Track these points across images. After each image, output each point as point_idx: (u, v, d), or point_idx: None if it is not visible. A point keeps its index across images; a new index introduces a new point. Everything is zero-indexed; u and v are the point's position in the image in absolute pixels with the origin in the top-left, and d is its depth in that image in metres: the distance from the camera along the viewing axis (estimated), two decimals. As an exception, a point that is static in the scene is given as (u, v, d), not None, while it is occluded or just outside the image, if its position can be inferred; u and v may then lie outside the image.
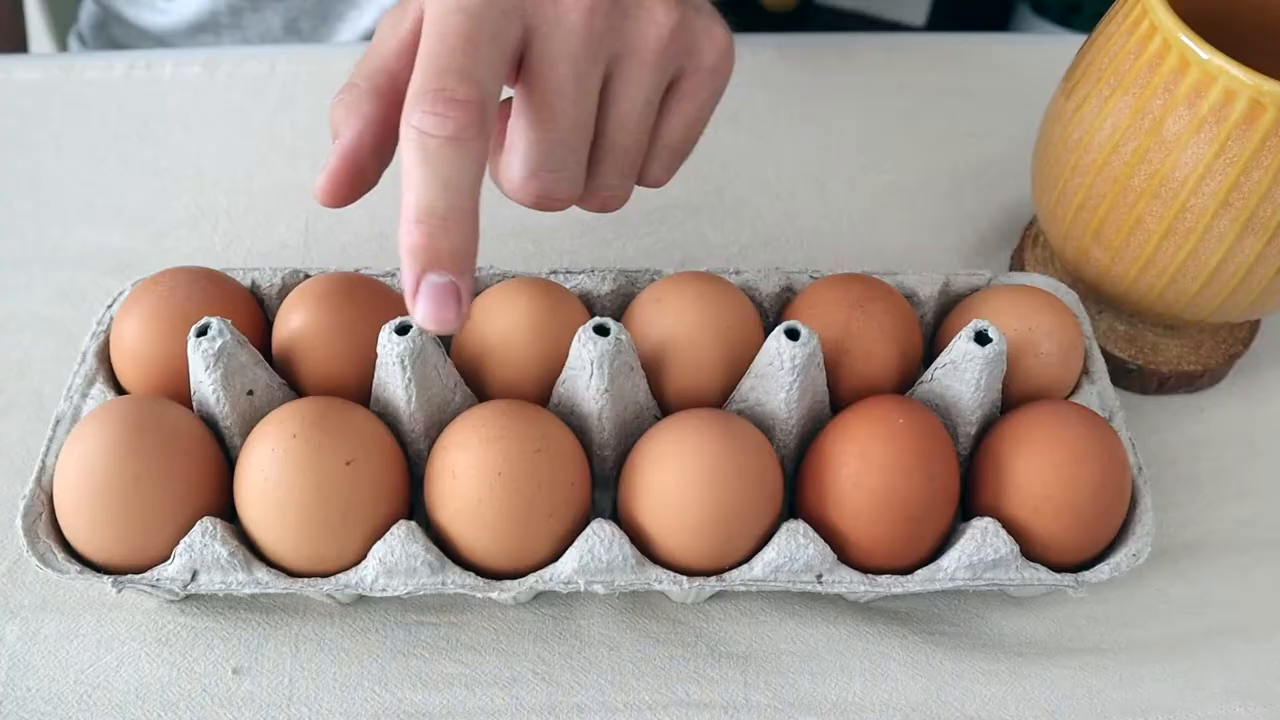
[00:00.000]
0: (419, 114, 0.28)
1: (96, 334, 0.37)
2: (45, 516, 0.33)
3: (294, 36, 0.60)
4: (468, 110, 0.28)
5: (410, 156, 0.28)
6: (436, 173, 0.28)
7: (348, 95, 0.32)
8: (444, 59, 0.28)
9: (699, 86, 0.33)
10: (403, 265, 0.28)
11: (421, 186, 0.28)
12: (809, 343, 0.33)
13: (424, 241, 0.28)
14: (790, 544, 0.32)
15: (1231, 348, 0.42)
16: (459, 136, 0.28)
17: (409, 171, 0.28)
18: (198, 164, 0.49)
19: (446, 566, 0.32)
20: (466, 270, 0.28)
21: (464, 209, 0.28)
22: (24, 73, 0.53)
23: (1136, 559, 0.33)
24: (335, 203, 0.31)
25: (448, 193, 0.28)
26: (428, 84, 0.28)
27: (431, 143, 0.28)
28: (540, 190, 0.32)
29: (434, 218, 0.28)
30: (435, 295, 0.28)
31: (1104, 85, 0.36)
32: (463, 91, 0.28)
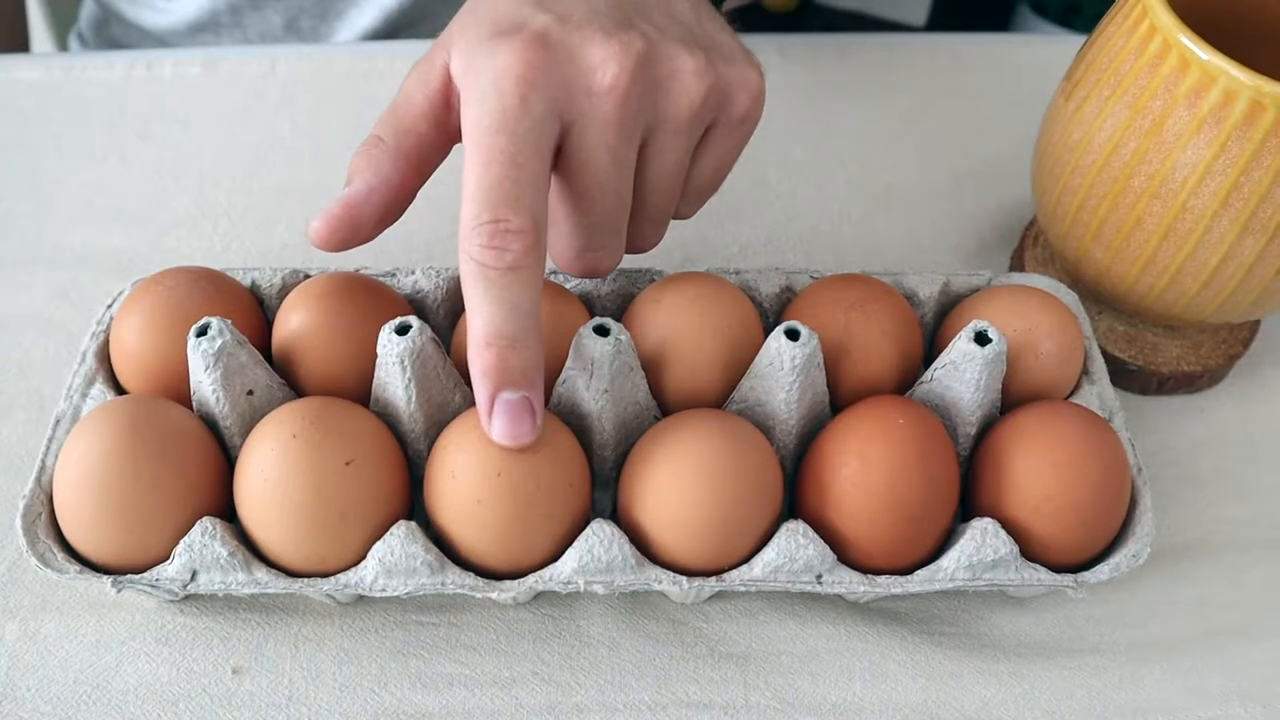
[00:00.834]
0: (478, 248, 0.29)
1: (96, 334, 0.37)
2: (45, 516, 0.33)
3: (294, 35, 0.60)
4: (523, 239, 0.29)
5: (473, 285, 0.29)
6: (501, 300, 0.29)
7: (373, 150, 0.32)
8: (494, 190, 0.29)
9: (728, 135, 0.34)
10: (476, 386, 0.30)
11: (488, 313, 0.29)
12: (809, 343, 0.33)
13: (496, 363, 0.29)
14: (790, 544, 0.32)
15: (1231, 348, 0.42)
16: (518, 265, 0.29)
17: (472, 299, 0.29)
18: (198, 164, 0.49)
19: (446, 567, 0.32)
20: (537, 384, 0.30)
21: (530, 328, 0.30)
22: (24, 72, 0.53)
23: (1136, 559, 0.33)
24: (327, 247, 0.32)
25: (514, 316, 0.29)
26: (481, 216, 0.29)
27: (493, 273, 0.29)
28: (585, 267, 0.34)
29: (502, 340, 0.29)
30: (510, 411, 0.30)
31: (1104, 86, 0.36)
32: (517, 222, 0.29)
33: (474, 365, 0.30)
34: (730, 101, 0.33)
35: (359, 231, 0.32)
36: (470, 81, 0.31)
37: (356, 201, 0.31)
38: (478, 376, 0.30)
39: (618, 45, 0.30)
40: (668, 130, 0.32)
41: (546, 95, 0.30)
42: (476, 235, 0.29)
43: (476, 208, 0.29)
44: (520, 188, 0.29)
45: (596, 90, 0.30)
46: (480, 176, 0.29)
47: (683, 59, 0.31)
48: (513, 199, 0.29)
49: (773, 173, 0.50)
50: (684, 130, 0.32)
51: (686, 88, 0.31)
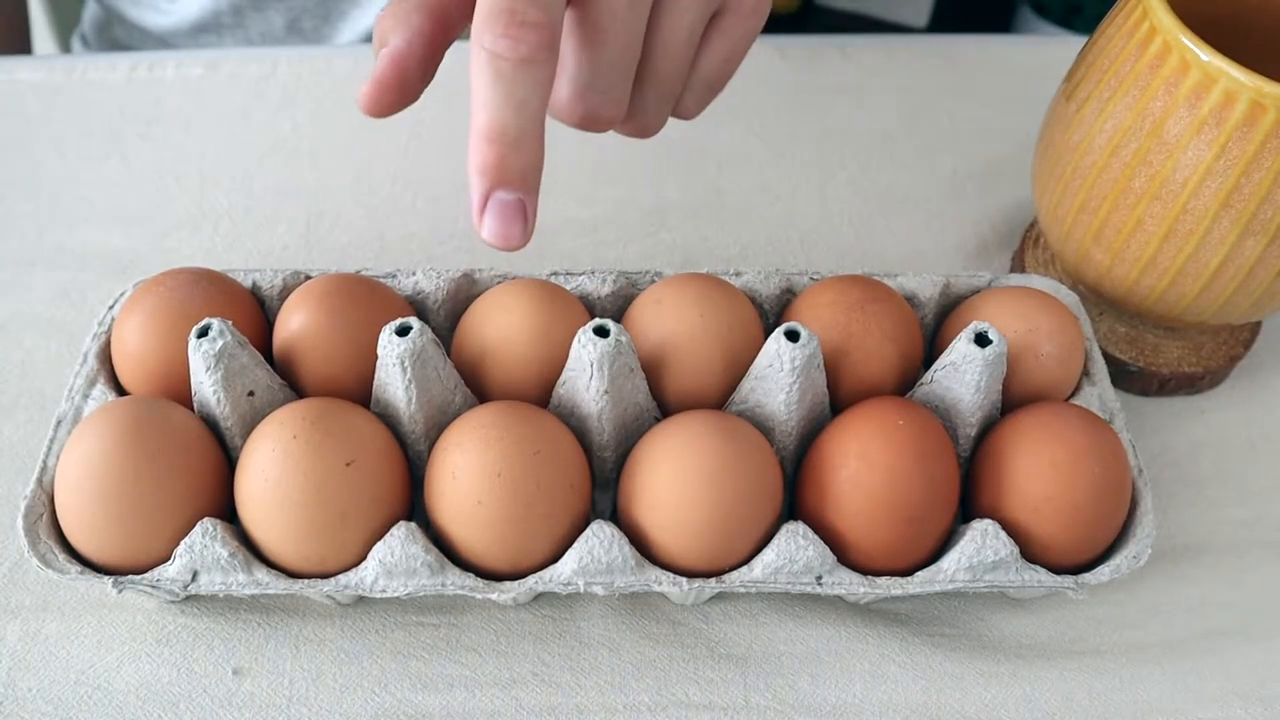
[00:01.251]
0: (491, 36, 0.28)
1: (98, 335, 0.37)
2: (46, 517, 0.33)
3: (296, 36, 0.60)
4: (539, 32, 0.28)
5: (482, 77, 0.28)
6: (509, 94, 0.28)
7: (397, 7, 0.32)
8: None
9: (739, 24, 0.34)
10: (471, 183, 0.29)
11: (494, 107, 0.28)
12: (809, 344, 0.33)
13: (495, 160, 0.29)
14: (790, 545, 0.32)
15: (1232, 349, 0.42)
16: (531, 59, 0.28)
17: (480, 91, 0.29)
18: (199, 165, 0.49)
19: (446, 567, 0.32)
20: (533, 189, 0.29)
21: (533, 130, 0.29)
22: (27, 74, 0.53)
23: (1137, 561, 0.33)
24: (379, 110, 0.31)
25: (520, 114, 0.28)
26: (499, 6, 0.28)
27: (505, 65, 0.28)
28: (586, 110, 0.32)
29: (505, 137, 0.28)
30: (503, 212, 0.29)
31: (1104, 87, 0.36)
32: (533, 14, 0.28)
33: (472, 158, 0.29)
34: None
35: (408, 88, 0.31)
36: None
37: (400, 55, 0.31)
38: (474, 171, 0.29)
39: None
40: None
41: None
42: (492, 23, 0.28)
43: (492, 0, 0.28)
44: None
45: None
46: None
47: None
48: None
49: (773, 173, 0.50)
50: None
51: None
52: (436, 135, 0.51)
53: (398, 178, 0.49)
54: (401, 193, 0.48)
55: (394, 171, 0.49)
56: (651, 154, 0.50)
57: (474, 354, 0.36)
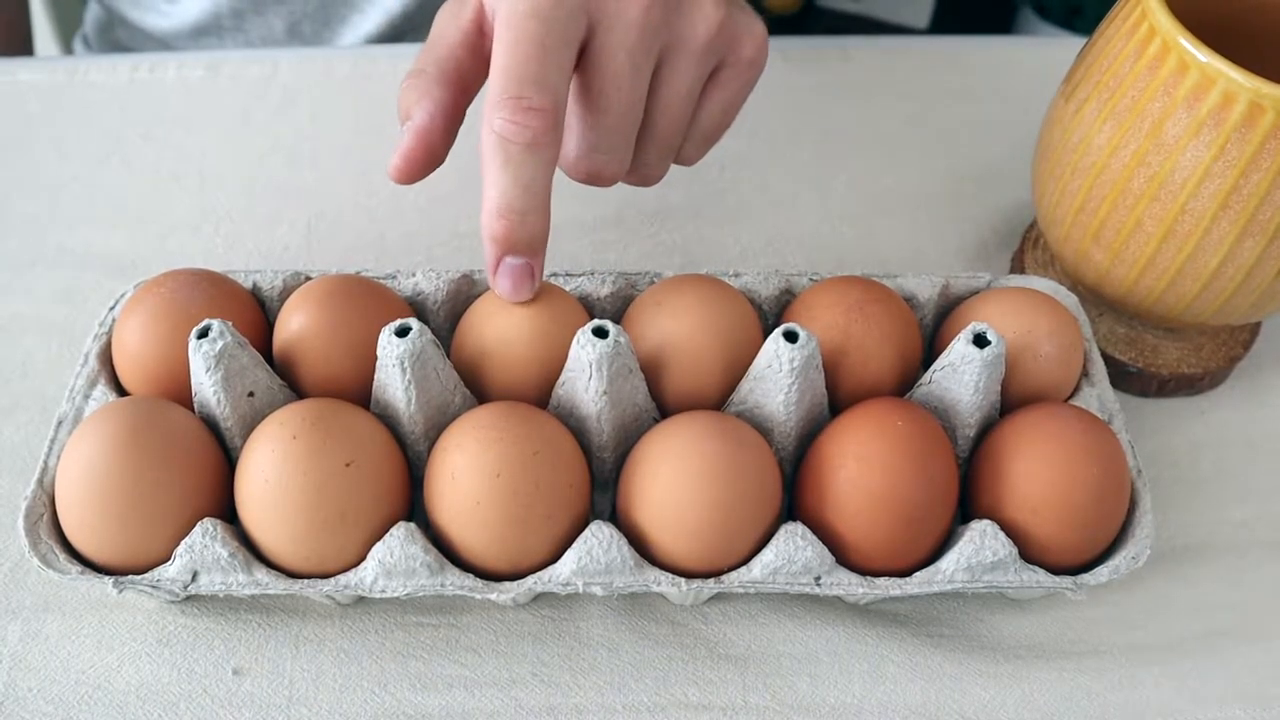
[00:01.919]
0: (500, 120, 0.31)
1: (98, 335, 0.37)
2: (47, 517, 0.33)
3: (296, 39, 0.60)
4: (544, 118, 0.31)
5: (492, 158, 0.31)
6: (516, 175, 0.31)
7: (418, 80, 0.34)
8: (521, 67, 0.31)
9: (736, 77, 0.35)
10: (485, 248, 0.33)
11: (503, 186, 0.31)
12: (807, 345, 0.33)
13: (504, 233, 0.32)
14: (789, 546, 0.32)
15: (1232, 350, 0.42)
16: (536, 143, 0.31)
17: (490, 170, 0.31)
18: (200, 166, 0.50)
19: (446, 568, 0.32)
20: (539, 252, 0.33)
21: (539, 205, 0.32)
22: (29, 75, 0.53)
23: (1136, 561, 0.33)
24: (408, 179, 0.34)
25: (526, 193, 0.31)
26: (507, 91, 0.31)
27: (512, 148, 0.31)
28: (591, 169, 0.35)
29: (513, 213, 0.31)
30: (513, 274, 0.33)
31: (1103, 88, 0.36)
32: (539, 100, 0.30)
33: (485, 229, 0.32)
34: (739, 43, 0.35)
35: (433, 157, 0.34)
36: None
37: (425, 128, 0.33)
38: (487, 240, 0.32)
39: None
40: (682, 53, 0.34)
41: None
42: (500, 108, 0.30)
43: (503, 82, 0.31)
44: (545, 69, 0.31)
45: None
46: (509, 54, 0.31)
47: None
48: (537, 79, 0.30)
49: (773, 175, 0.50)
50: (697, 55, 0.34)
51: (705, 14, 0.33)
52: (437, 136, 0.51)
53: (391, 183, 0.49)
54: (402, 194, 0.49)
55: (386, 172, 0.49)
56: (651, 155, 0.50)
57: (473, 355, 0.36)
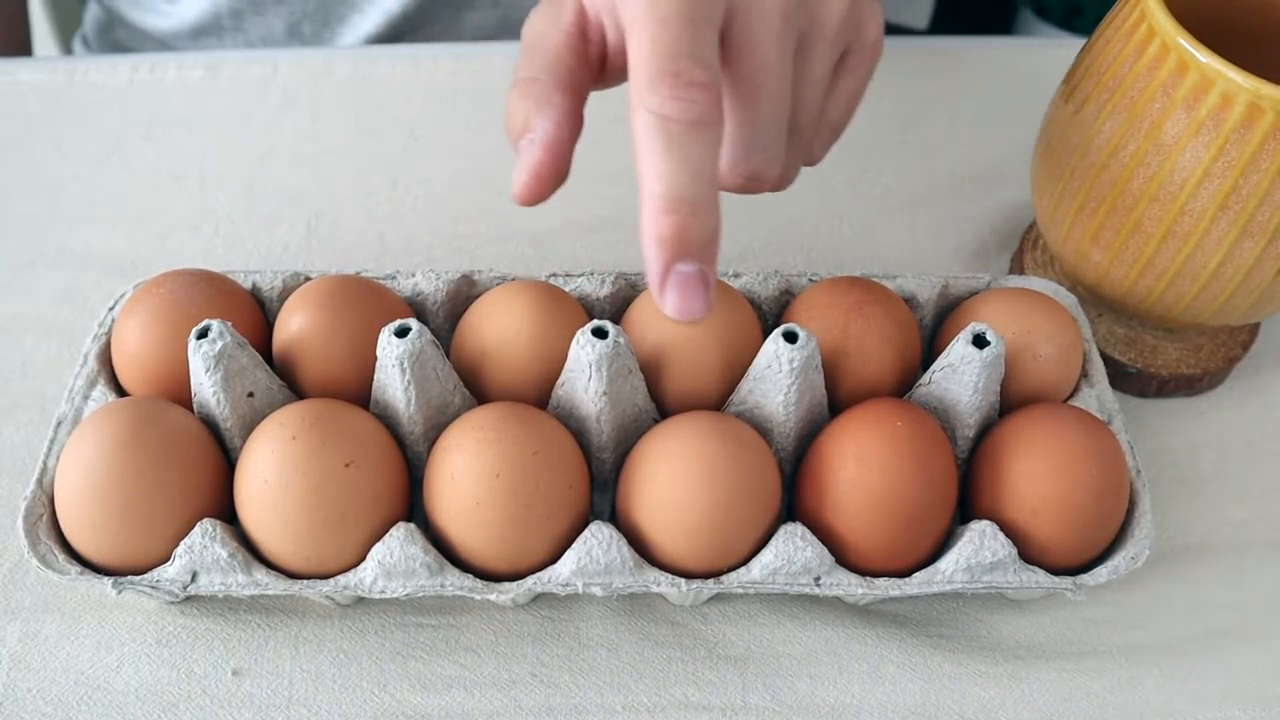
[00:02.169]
0: (659, 99, 0.27)
1: (98, 336, 0.37)
2: (46, 518, 0.33)
3: (296, 39, 0.60)
4: (707, 92, 0.27)
5: (652, 143, 0.27)
6: (685, 159, 0.27)
7: (533, 89, 0.30)
8: (674, 42, 0.27)
9: (862, 63, 0.33)
10: (648, 255, 0.27)
11: (670, 174, 0.27)
12: (807, 345, 0.33)
13: (675, 231, 0.27)
14: (788, 546, 0.32)
15: (1231, 351, 0.42)
16: (703, 120, 0.27)
17: (651, 158, 0.27)
18: (200, 166, 0.50)
19: (445, 568, 0.32)
20: (713, 257, 0.28)
21: (711, 195, 0.27)
22: (28, 75, 0.53)
23: (1135, 562, 0.33)
24: (538, 198, 0.30)
25: (697, 179, 0.27)
26: (663, 67, 0.27)
27: (676, 128, 0.27)
28: (750, 172, 0.31)
29: (684, 205, 0.27)
30: (685, 284, 0.27)
31: (1103, 88, 0.36)
32: (699, 74, 0.27)
33: (649, 231, 0.27)
34: (865, 26, 0.32)
35: (563, 171, 0.30)
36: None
37: (554, 139, 0.29)
38: (653, 244, 0.27)
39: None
40: (818, 38, 0.31)
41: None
42: (658, 85, 0.27)
43: (657, 61, 0.27)
44: (698, 43, 0.27)
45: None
46: (657, 33, 0.27)
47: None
48: (695, 53, 0.27)
49: (773, 175, 0.50)
50: (830, 40, 0.31)
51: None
52: (436, 137, 0.51)
53: (397, 180, 0.49)
54: (401, 195, 0.49)
55: (394, 173, 0.49)
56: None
57: (473, 355, 0.36)
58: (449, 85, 0.54)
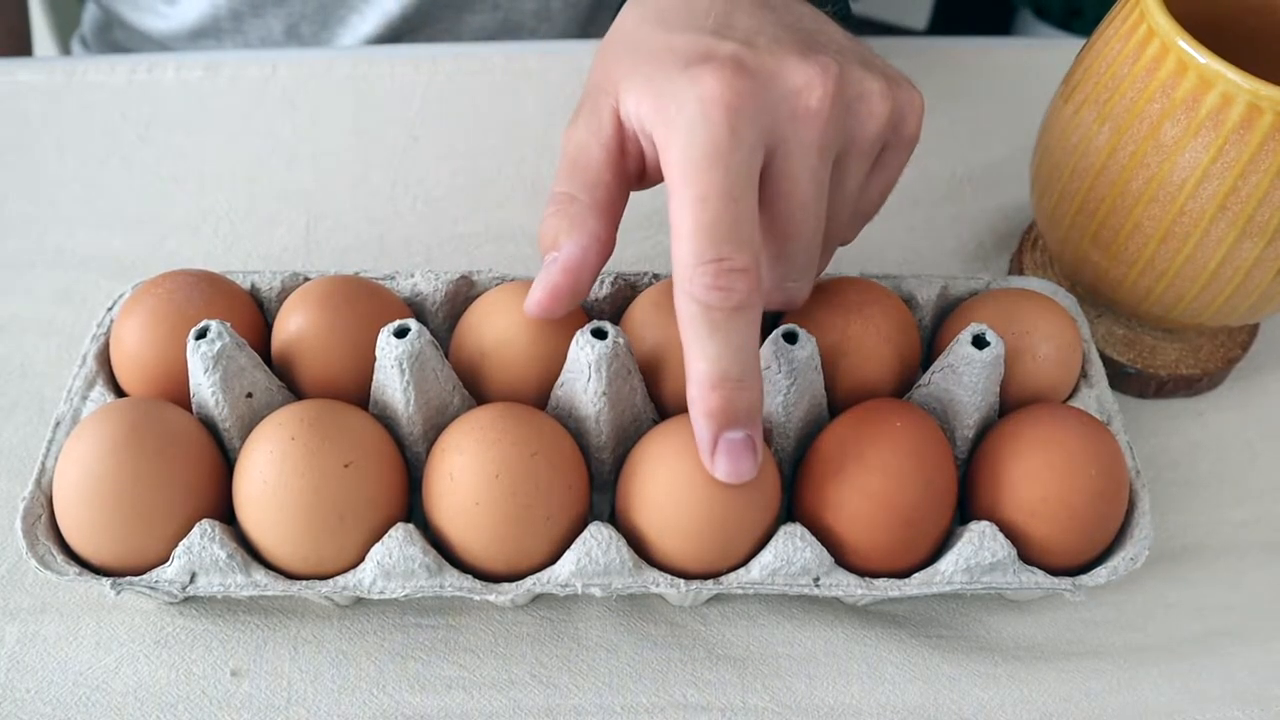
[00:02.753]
0: (702, 288, 0.28)
1: (97, 336, 0.37)
2: (45, 518, 0.33)
3: (295, 41, 0.60)
4: (748, 278, 0.28)
5: (695, 328, 0.29)
6: (728, 340, 0.29)
7: (569, 207, 0.31)
8: (713, 227, 0.28)
9: (898, 157, 0.33)
10: (698, 425, 0.30)
11: (714, 355, 0.29)
12: (806, 346, 0.33)
13: (722, 405, 0.29)
14: (787, 547, 0.32)
15: (1230, 351, 0.42)
16: (745, 305, 0.28)
17: (697, 341, 0.29)
18: (199, 167, 0.50)
19: (444, 569, 0.32)
20: (759, 421, 0.30)
21: (754, 368, 0.29)
22: (27, 76, 0.53)
23: (1134, 562, 0.33)
24: (549, 315, 0.32)
25: (739, 356, 0.29)
26: (704, 255, 0.28)
27: (719, 315, 0.28)
28: (785, 299, 0.33)
29: (729, 382, 0.29)
30: (734, 451, 0.30)
31: (1102, 89, 0.36)
32: (741, 260, 0.28)
33: (698, 406, 0.29)
34: (903, 125, 0.32)
35: (580, 292, 0.31)
36: (668, 114, 0.29)
37: (575, 264, 0.31)
38: (702, 417, 0.29)
39: (817, 67, 0.30)
40: (854, 154, 0.32)
41: (755, 123, 0.29)
42: (701, 275, 0.28)
43: (698, 246, 0.28)
44: (739, 224, 0.28)
45: (801, 114, 0.30)
46: (698, 214, 0.28)
47: (869, 82, 0.31)
48: (734, 236, 0.28)
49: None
50: (867, 153, 0.32)
51: (874, 110, 0.31)
52: (435, 138, 0.51)
53: (397, 180, 0.49)
54: (400, 195, 0.49)
55: (393, 174, 0.49)
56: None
57: (472, 355, 0.36)
58: (448, 86, 0.54)
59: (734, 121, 0.28)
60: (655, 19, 0.33)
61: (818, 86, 0.30)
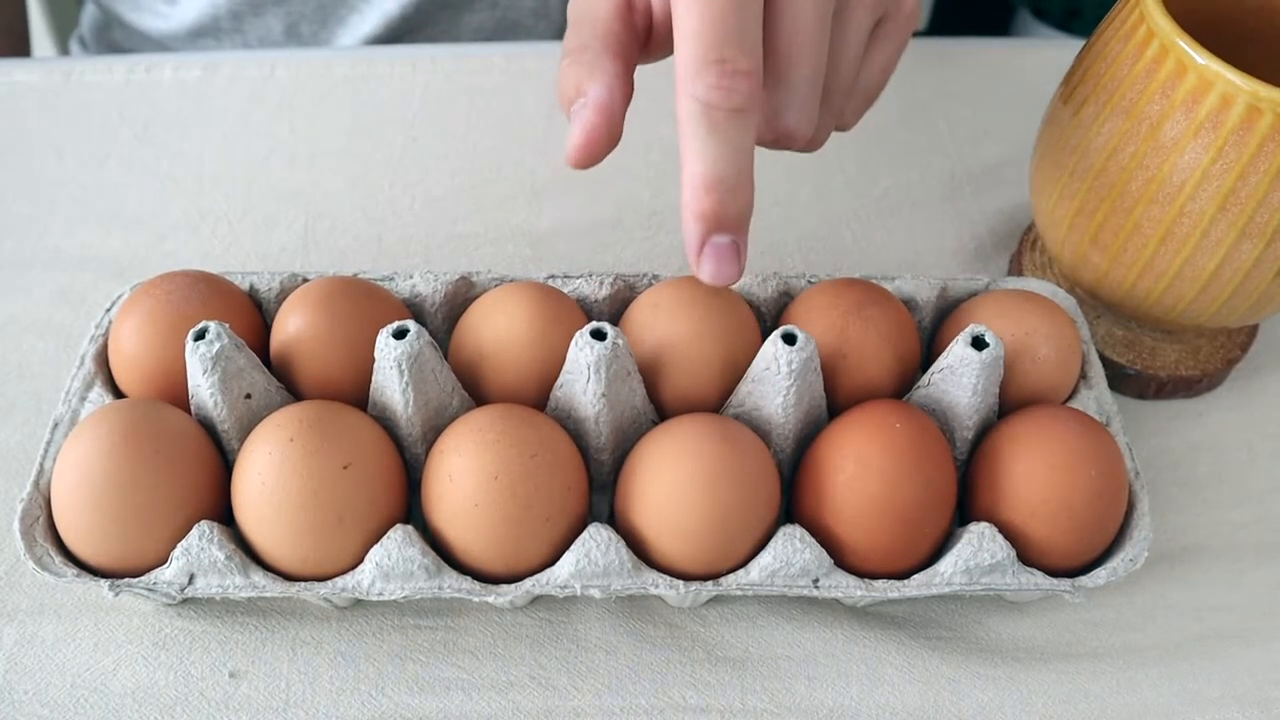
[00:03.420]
0: (704, 86, 0.28)
1: (95, 337, 0.37)
2: (43, 520, 0.33)
3: (294, 41, 0.60)
4: (750, 80, 0.28)
5: (696, 128, 0.29)
6: (724, 142, 0.29)
7: (584, 55, 0.31)
8: (719, 28, 0.28)
9: (897, 31, 0.34)
10: (688, 228, 0.30)
11: (711, 156, 0.29)
12: (805, 347, 0.33)
13: (713, 208, 0.29)
14: (787, 548, 0.32)
15: (1230, 352, 0.42)
16: (745, 107, 0.28)
17: (694, 141, 0.29)
18: (197, 167, 0.49)
19: (443, 570, 0.32)
20: (746, 228, 0.30)
21: (748, 174, 0.29)
22: (25, 76, 0.53)
23: (1133, 564, 0.33)
24: (592, 160, 0.31)
25: (736, 161, 0.29)
26: (708, 55, 0.28)
27: (719, 115, 0.28)
28: (782, 130, 0.32)
29: (723, 185, 0.29)
30: (720, 254, 0.30)
31: (1102, 90, 0.36)
32: (744, 62, 0.28)
33: (690, 207, 0.29)
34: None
35: (615, 133, 0.31)
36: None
37: (605, 103, 0.30)
38: (693, 219, 0.29)
39: None
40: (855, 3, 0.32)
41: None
42: (704, 74, 0.28)
43: (702, 46, 0.28)
44: (744, 27, 0.28)
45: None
46: (703, 14, 0.28)
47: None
48: (738, 38, 0.28)
49: (771, 176, 0.50)
50: (869, 5, 0.32)
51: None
52: (434, 138, 0.51)
53: (395, 181, 0.49)
54: (399, 196, 0.49)
55: (392, 175, 0.49)
56: (650, 157, 0.50)
57: (471, 357, 0.36)
58: (447, 86, 0.54)
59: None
60: None
61: None
